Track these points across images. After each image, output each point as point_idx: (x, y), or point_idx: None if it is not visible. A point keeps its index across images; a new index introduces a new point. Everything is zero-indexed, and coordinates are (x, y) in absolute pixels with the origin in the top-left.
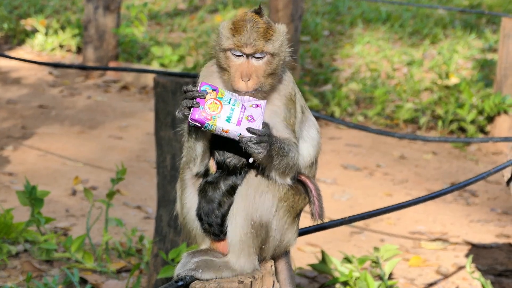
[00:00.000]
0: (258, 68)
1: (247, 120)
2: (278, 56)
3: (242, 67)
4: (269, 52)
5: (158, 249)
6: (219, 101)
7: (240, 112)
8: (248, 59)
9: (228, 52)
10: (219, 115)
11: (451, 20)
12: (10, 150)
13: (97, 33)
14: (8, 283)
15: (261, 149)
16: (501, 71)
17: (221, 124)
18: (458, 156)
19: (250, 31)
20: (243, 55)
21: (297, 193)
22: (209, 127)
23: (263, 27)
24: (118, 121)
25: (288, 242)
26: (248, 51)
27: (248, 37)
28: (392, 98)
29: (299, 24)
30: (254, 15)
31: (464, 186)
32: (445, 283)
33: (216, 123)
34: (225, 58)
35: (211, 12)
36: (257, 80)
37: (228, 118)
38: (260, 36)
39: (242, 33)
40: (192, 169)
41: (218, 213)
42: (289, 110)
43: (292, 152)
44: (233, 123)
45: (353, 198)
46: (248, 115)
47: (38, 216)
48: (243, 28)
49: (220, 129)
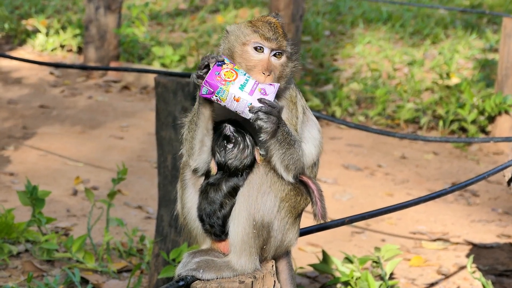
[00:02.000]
0: (275, 67)
1: (259, 92)
2: (292, 61)
3: (263, 62)
4: (288, 53)
5: (159, 249)
6: (235, 71)
7: (254, 83)
8: (269, 55)
9: (248, 47)
10: (233, 82)
11: (452, 20)
12: (11, 150)
13: (98, 33)
14: (9, 283)
15: (270, 123)
16: (502, 71)
17: (234, 90)
18: (459, 156)
19: (273, 29)
20: (267, 49)
21: (298, 194)
22: (221, 93)
23: (282, 30)
24: (119, 121)
25: (289, 242)
26: (273, 45)
27: (273, 33)
28: (393, 98)
29: (300, 24)
30: (273, 19)
31: (465, 186)
32: (446, 283)
33: (229, 88)
34: (243, 53)
35: (212, 12)
36: (274, 78)
37: (241, 86)
38: (281, 35)
39: (266, 29)
40: (190, 164)
41: (219, 215)
42: (290, 111)
43: (297, 144)
44: (246, 92)
45: (354, 198)
46: (261, 88)
47: (39, 216)
48: (266, 25)
49: (232, 96)
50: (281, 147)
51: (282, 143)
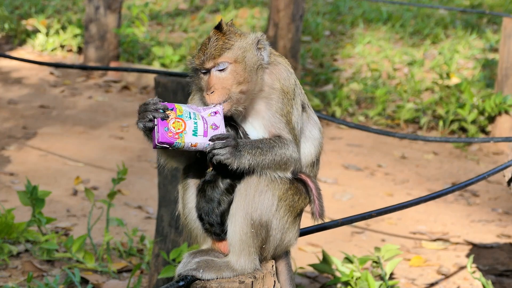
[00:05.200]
0: (224, 79)
1: (212, 129)
2: (243, 63)
3: (206, 82)
4: (229, 61)
5: (159, 249)
6: (180, 118)
7: (203, 123)
8: (211, 73)
9: (198, 72)
10: (185, 131)
11: (452, 20)
12: (11, 150)
13: (98, 33)
14: (9, 283)
15: (228, 154)
16: (502, 71)
17: (189, 139)
18: (459, 156)
19: (209, 47)
20: (206, 70)
21: (297, 193)
22: (178, 145)
23: (222, 39)
24: (119, 121)
25: (289, 242)
26: (209, 65)
27: (204, 54)
28: (393, 98)
29: (300, 24)
30: (215, 31)
31: (465, 186)
32: (446, 283)
33: (184, 140)
34: (198, 79)
35: (212, 12)
36: (222, 92)
37: (194, 132)
38: (218, 48)
39: (199, 52)
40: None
41: (217, 212)
42: (282, 100)
43: (276, 148)
44: (200, 135)
45: (354, 198)
46: (211, 123)
47: (39, 216)
48: (203, 46)
49: (189, 144)
50: (256, 162)
51: (256, 158)
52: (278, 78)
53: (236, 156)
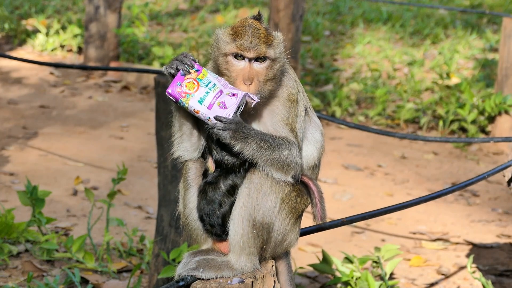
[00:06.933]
0: (259, 73)
1: (218, 106)
2: (278, 61)
3: (244, 71)
4: (271, 57)
5: (159, 249)
6: (197, 82)
7: (213, 97)
8: (250, 63)
9: (229, 57)
10: (193, 94)
11: (452, 20)
12: (11, 150)
13: (98, 33)
14: (9, 283)
15: (226, 134)
16: (502, 71)
17: (193, 104)
18: (459, 156)
19: (252, 36)
20: (245, 59)
21: (299, 195)
22: (182, 103)
23: (264, 33)
24: (119, 121)
25: (290, 243)
26: (251, 55)
27: (251, 42)
28: (393, 98)
29: (300, 24)
30: (254, 21)
31: (465, 186)
32: (446, 283)
33: (188, 101)
34: (225, 63)
35: (212, 12)
36: (258, 84)
37: (200, 99)
38: (261, 41)
39: (244, 37)
40: (173, 153)
41: (219, 214)
42: (288, 109)
43: (284, 148)
44: (205, 106)
45: (354, 198)
46: (221, 101)
47: (39, 216)
48: (245, 33)
49: (192, 108)
50: (261, 154)
51: (261, 150)
52: (286, 85)
53: (238, 139)
